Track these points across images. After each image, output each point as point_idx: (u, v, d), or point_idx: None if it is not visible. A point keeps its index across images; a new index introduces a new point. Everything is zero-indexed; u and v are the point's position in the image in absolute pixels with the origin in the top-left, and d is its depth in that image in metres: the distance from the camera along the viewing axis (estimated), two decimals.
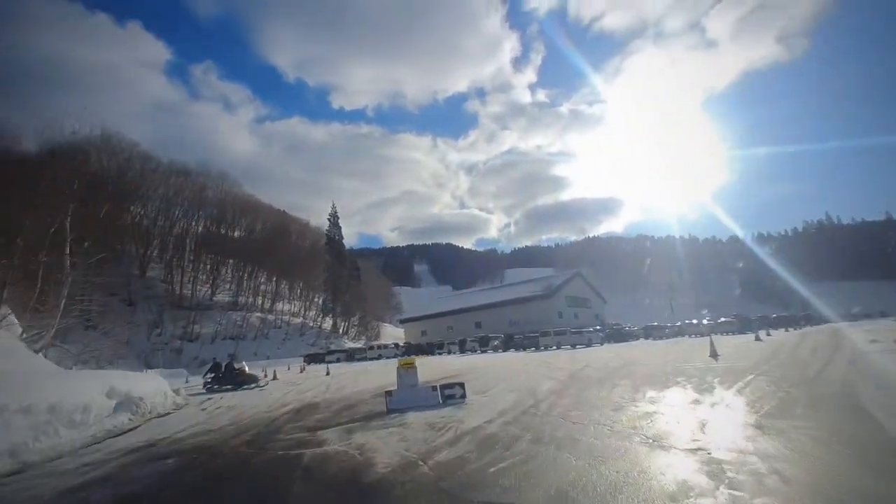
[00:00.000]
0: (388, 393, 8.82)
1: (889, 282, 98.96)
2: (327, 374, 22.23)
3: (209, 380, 17.97)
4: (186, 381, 21.48)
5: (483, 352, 41.07)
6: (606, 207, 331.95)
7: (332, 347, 61.17)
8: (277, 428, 7.81)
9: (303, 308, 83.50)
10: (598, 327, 43.56)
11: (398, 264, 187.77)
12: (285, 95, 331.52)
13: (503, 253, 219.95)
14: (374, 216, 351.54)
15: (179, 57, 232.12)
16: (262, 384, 18.30)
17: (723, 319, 40.66)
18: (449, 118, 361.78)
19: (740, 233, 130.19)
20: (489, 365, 19.11)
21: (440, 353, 46.08)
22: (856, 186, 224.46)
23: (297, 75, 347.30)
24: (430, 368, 20.34)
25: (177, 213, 64.67)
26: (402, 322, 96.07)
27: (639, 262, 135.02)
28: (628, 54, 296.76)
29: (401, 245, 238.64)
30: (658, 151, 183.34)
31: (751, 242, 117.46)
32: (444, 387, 9.02)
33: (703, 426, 5.47)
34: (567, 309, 68.08)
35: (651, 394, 8.18)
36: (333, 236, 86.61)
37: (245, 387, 17.36)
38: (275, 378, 21.87)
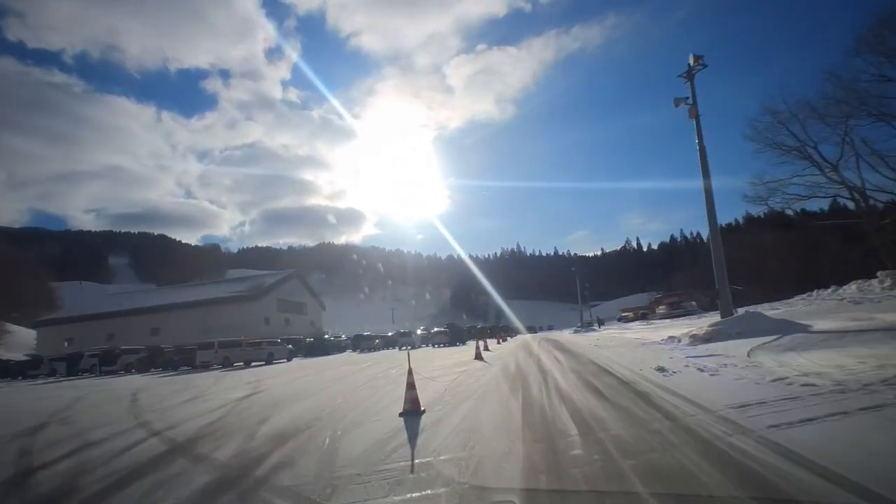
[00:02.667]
0: None
1: (553, 302, 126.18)
2: None
3: None
4: None
5: (105, 373, 25.83)
6: (349, 218, 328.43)
7: None
8: None
9: None
10: (292, 338, 34.07)
11: (87, 253, 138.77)
12: None
13: (229, 251, 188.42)
14: (60, 191, 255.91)
15: None
16: None
17: (436, 329, 37.64)
18: (181, 93, 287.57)
19: (460, 252, 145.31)
20: None
21: (33, 377, 27.89)
22: (536, 225, 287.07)
23: None
24: None
25: None
26: (38, 325, 65.56)
27: (369, 272, 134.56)
28: (380, 78, 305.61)
29: (95, 230, 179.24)
30: (397, 172, 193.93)
31: (464, 262, 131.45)
32: None
33: None
34: (277, 314, 56.59)
35: None
36: None
37: None
38: None
